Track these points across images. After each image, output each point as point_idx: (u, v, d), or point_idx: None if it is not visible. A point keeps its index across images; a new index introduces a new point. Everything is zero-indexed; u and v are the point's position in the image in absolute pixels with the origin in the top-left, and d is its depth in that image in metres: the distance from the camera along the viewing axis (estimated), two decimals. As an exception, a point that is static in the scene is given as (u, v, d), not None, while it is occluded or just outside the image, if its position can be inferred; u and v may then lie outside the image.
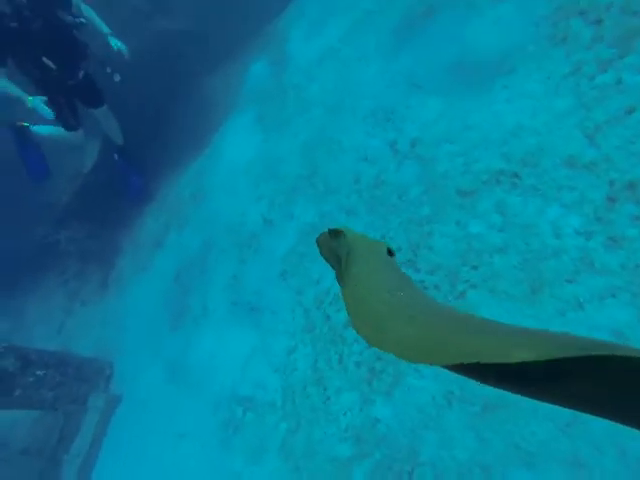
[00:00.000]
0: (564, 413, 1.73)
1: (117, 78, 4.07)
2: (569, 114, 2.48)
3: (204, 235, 4.66)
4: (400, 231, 2.91)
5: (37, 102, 3.61)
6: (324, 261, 0.68)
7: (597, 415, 0.29)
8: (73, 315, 6.49)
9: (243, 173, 4.72)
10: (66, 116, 4.07)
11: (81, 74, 3.96)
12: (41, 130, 4.22)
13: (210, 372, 3.66)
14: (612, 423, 0.29)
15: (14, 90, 3.55)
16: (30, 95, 3.64)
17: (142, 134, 6.36)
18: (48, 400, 4.51)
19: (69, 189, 6.44)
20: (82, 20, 3.70)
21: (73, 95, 4.09)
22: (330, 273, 2.94)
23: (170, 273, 4.90)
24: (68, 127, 4.16)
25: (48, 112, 3.68)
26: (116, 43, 4.04)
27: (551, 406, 0.31)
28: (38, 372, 4.52)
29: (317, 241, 0.76)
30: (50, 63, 3.61)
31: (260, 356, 3.31)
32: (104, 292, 6.16)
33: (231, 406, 3.25)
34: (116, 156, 5.23)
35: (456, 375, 0.33)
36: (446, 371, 0.33)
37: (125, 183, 5.63)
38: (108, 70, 4.03)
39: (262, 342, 3.36)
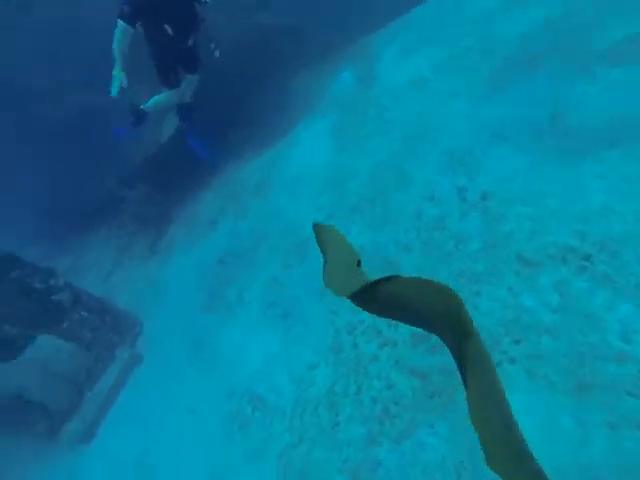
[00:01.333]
0: None
1: (217, 54, 4.54)
2: (666, 210, 2.32)
3: (258, 229, 4.82)
4: (448, 281, 2.86)
5: (119, 76, 4.04)
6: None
7: None
8: (120, 268, 6.96)
9: (310, 177, 4.82)
10: (170, 75, 4.59)
11: (190, 42, 4.42)
12: (149, 102, 4.72)
13: (231, 361, 3.80)
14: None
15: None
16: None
17: (225, 112, 6.66)
18: (86, 340, 4.89)
19: (143, 154, 6.91)
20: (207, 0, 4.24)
21: (179, 58, 4.57)
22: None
23: (216, 255, 5.12)
24: (170, 84, 4.64)
25: (115, 88, 4.09)
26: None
27: None
28: (84, 313, 4.91)
29: (314, 229, 1.09)
30: (169, 29, 4.15)
31: (282, 361, 3.39)
32: (152, 255, 6.55)
33: (243, 400, 3.37)
34: (180, 118, 5.51)
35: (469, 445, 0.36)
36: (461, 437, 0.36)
37: (196, 144, 5.94)
38: (212, 46, 4.53)
39: (287, 349, 3.44)
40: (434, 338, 2.68)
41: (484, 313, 2.58)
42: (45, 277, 4.64)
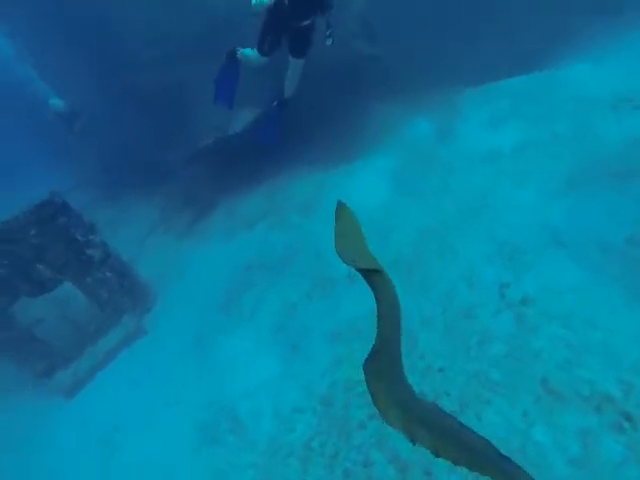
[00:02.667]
0: None
1: (329, 42, 4.13)
2: None
3: (292, 247, 4.83)
4: (459, 378, 2.72)
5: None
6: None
7: None
8: (155, 236, 7.22)
9: (357, 213, 4.80)
10: (268, 43, 4.31)
11: (306, 23, 4.11)
12: (245, 50, 4.69)
13: (225, 370, 3.80)
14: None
15: None
16: None
17: (299, 120, 6.74)
18: (102, 299, 5.09)
19: (211, 138, 7.15)
20: None
21: (287, 35, 4.30)
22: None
23: (245, 258, 5.18)
24: (262, 51, 4.40)
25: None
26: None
27: None
28: (108, 273, 5.11)
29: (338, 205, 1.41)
30: (286, 1, 3.91)
31: (273, 392, 3.35)
32: (187, 234, 6.74)
33: (222, 415, 3.35)
34: (276, 103, 5.30)
35: None
36: None
37: (266, 129, 5.71)
38: (327, 33, 4.13)
39: (282, 381, 3.40)
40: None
41: (487, 427, 2.42)
42: (86, 231, 4.87)
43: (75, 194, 10.65)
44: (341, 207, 1.43)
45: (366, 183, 5.32)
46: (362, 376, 2.87)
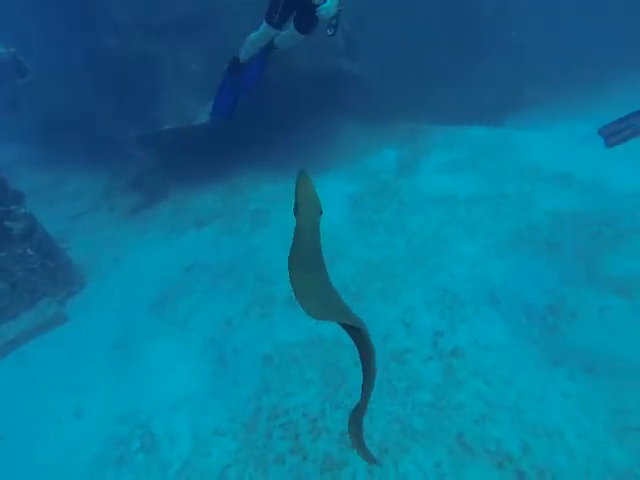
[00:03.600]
0: None
1: (330, 32, 3.81)
2: None
3: (238, 257, 4.69)
4: (382, 420, 2.78)
5: None
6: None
7: None
8: (94, 214, 6.69)
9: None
10: (279, 13, 4.02)
11: (316, 1, 3.75)
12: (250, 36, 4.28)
13: (147, 379, 3.57)
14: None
15: None
16: None
17: (267, 125, 6.55)
18: (14, 277, 4.57)
19: (173, 125, 6.78)
20: None
21: (295, 7, 4.00)
22: (302, 407, 2.83)
23: (188, 259, 4.95)
24: (271, 21, 4.08)
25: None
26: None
27: None
28: (29, 250, 4.62)
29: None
30: None
31: (194, 410, 3.20)
32: (129, 219, 6.32)
33: (135, 431, 3.13)
34: (227, 66, 4.60)
35: None
36: None
37: (221, 98, 4.78)
38: (332, 22, 3.77)
39: (206, 399, 3.26)
40: (342, 475, 2.58)
41: (400, 474, 2.49)
42: (8, 200, 4.37)
43: (5, 147, 9.59)
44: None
45: (323, 202, 5.32)
46: (291, 405, 2.78)
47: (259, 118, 6.43)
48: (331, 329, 3.51)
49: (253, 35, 4.23)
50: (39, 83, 7.23)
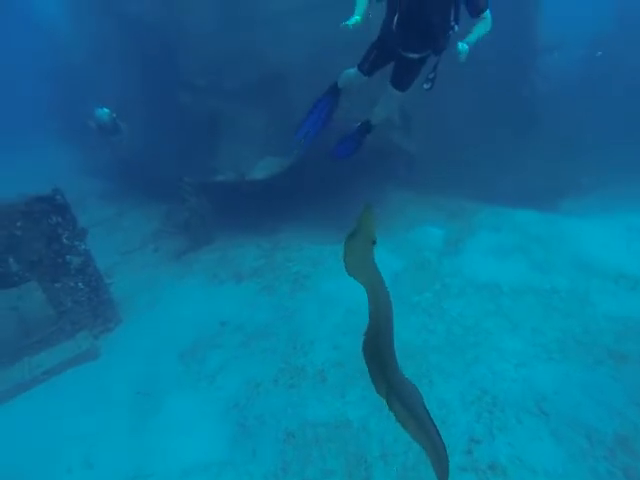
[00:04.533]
0: None
1: (427, 86, 3.34)
2: None
3: (274, 319, 4.68)
4: None
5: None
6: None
7: None
8: (141, 253, 7.02)
9: (342, 301, 4.71)
10: (370, 62, 3.65)
11: (414, 56, 3.39)
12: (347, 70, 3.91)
13: (161, 436, 3.48)
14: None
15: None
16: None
17: (323, 182, 6.69)
18: (64, 308, 4.80)
19: (229, 174, 7.22)
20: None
21: (395, 60, 3.60)
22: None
23: (223, 313, 4.99)
24: (361, 68, 3.72)
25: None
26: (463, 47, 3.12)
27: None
28: (80, 284, 4.87)
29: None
30: (394, 27, 3.22)
31: (206, 478, 3.05)
32: (174, 262, 6.56)
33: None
34: (359, 124, 4.26)
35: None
36: None
37: (343, 145, 4.48)
38: (429, 76, 3.31)
39: (220, 467, 3.11)
40: None
41: None
42: (74, 236, 4.70)
43: (82, 179, 10.60)
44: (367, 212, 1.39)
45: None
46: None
47: (312, 179, 6.71)
48: (359, 413, 3.33)
49: (348, 71, 3.85)
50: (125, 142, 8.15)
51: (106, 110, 7.37)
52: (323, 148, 6.51)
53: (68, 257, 4.74)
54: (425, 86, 3.40)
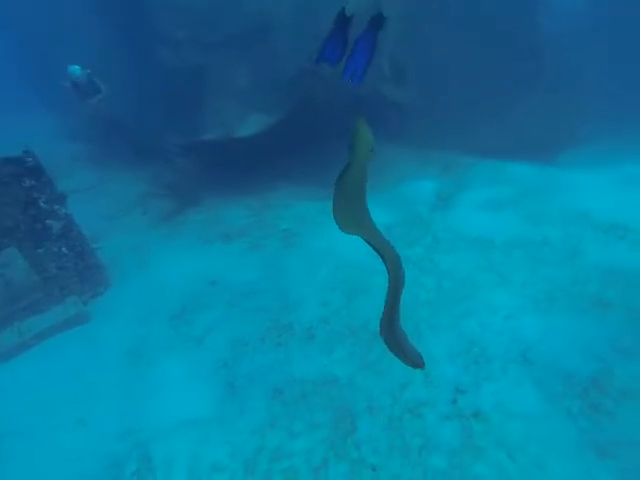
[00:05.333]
0: None
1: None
2: None
3: (263, 277, 4.62)
4: (393, 483, 2.56)
5: None
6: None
7: None
8: (128, 216, 6.86)
9: (332, 258, 4.64)
10: None
11: None
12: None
13: (153, 395, 3.52)
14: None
15: None
16: None
17: (313, 141, 6.45)
18: (49, 274, 4.72)
19: (216, 135, 6.91)
20: None
21: None
22: (305, 453, 2.68)
23: (213, 273, 4.93)
24: None
25: None
26: None
27: None
28: (64, 249, 4.77)
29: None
30: None
31: (195, 437, 3.10)
32: (161, 224, 6.43)
33: (133, 452, 3.06)
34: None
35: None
36: None
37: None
38: None
39: (209, 427, 3.15)
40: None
41: None
42: (53, 200, 4.53)
43: (67, 144, 10.22)
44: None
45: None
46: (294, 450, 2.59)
47: (300, 135, 6.44)
48: (346, 370, 3.34)
49: None
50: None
51: (77, 67, 6.89)
52: (309, 101, 6.22)
53: (48, 222, 4.59)
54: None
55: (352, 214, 1.28)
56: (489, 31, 7.82)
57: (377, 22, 3.26)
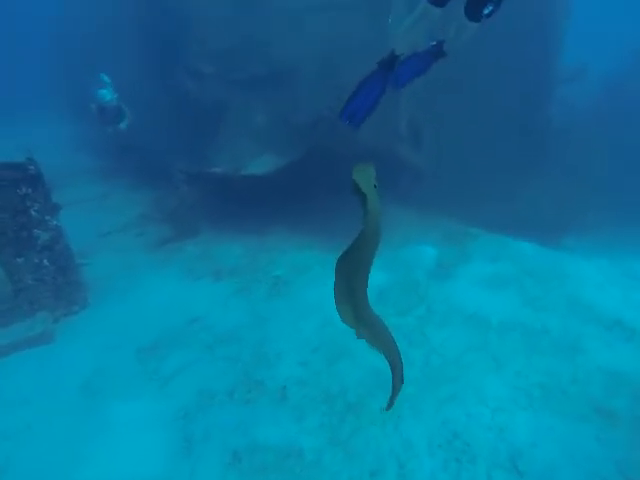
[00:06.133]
0: None
1: (487, 10, 2.65)
2: None
3: (244, 325, 4.38)
4: None
5: None
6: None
7: None
8: (122, 236, 6.73)
9: (316, 315, 4.42)
10: None
11: None
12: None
13: (96, 444, 3.16)
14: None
15: None
16: None
17: (319, 190, 6.43)
18: (22, 284, 4.51)
19: (225, 167, 6.93)
20: None
21: None
22: None
23: (194, 311, 4.69)
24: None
25: None
26: None
27: None
28: (45, 261, 4.59)
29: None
30: None
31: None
32: (153, 250, 6.27)
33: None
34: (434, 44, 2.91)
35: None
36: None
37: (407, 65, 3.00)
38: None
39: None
40: None
41: None
42: (45, 211, 4.42)
43: (80, 155, 10.35)
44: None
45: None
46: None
47: (309, 182, 6.43)
48: (314, 443, 3.02)
49: (408, 20, 2.88)
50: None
51: (106, 91, 6.99)
52: (322, 149, 6.27)
53: (36, 231, 4.45)
54: (485, 10, 2.63)
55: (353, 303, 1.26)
56: (504, 118, 8.11)
57: (387, 63, 2.78)
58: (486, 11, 2.64)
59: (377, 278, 5.11)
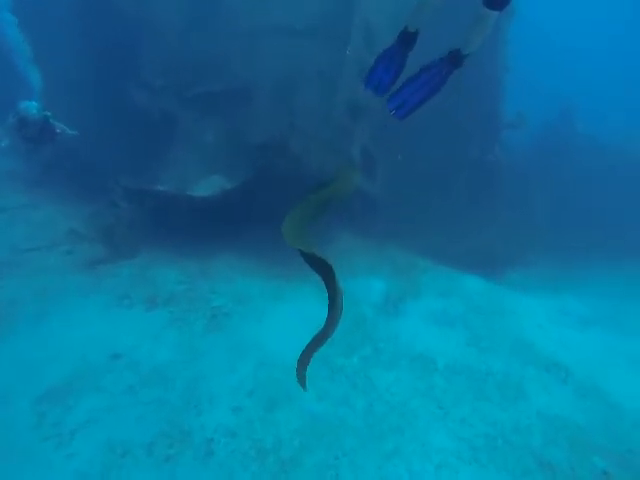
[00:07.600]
0: None
1: None
2: None
3: (174, 365, 3.93)
4: None
5: None
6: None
7: None
8: (45, 252, 6.03)
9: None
10: None
11: None
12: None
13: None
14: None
15: None
16: None
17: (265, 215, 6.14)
18: None
19: (170, 185, 6.49)
20: None
21: None
22: None
23: (118, 345, 4.17)
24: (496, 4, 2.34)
25: None
26: None
27: None
28: None
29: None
30: None
31: None
32: (82, 271, 5.64)
33: None
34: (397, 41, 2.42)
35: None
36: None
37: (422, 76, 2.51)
38: None
39: None
40: None
41: None
42: None
43: (3, 159, 9.29)
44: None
45: (288, 325, 4.60)
46: None
47: (257, 206, 6.15)
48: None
49: (475, 30, 2.51)
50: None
51: (34, 104, 5.39)
52: (271, 173, 6.05)
53: None
54: None
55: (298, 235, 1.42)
56: (454, 155, 8.44)
57: (407, 39, 2.44)
58: None
59: (319, 312, 4.87)
